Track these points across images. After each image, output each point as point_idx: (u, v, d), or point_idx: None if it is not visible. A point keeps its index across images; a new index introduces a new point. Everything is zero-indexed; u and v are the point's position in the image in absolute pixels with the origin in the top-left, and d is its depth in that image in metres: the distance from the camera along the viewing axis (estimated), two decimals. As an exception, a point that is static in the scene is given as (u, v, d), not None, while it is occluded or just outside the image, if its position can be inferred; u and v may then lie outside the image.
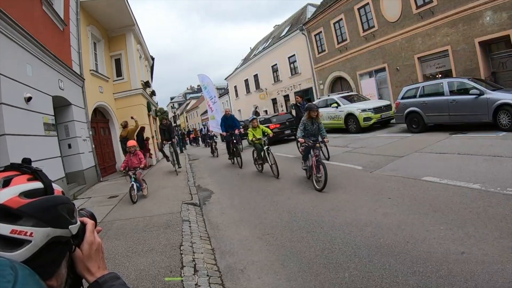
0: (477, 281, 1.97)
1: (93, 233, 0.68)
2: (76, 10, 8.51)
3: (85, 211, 0.74)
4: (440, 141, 6.73)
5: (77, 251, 0.64)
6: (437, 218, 3.00)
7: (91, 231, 0.68)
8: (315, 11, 20.32)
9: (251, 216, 4.12)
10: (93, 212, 0.75)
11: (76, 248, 0.64)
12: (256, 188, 5.55)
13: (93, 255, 0.66)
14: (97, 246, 0.67)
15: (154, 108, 16.98)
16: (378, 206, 3.58)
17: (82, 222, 0.67)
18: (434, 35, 12.46)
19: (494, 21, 10.37)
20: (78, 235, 0.63)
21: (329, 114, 12.46)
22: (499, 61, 10.95)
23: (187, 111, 61.61)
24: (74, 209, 0.62)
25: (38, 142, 5.51)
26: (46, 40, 6.11)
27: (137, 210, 4.86)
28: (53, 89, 6.57)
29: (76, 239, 0.63)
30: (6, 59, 4.79)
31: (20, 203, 0.52)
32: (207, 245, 3.36)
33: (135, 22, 12.10)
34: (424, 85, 8.81)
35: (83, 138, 8.08)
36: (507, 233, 2.48)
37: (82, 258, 0.64)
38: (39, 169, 0.58)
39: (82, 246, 0.65)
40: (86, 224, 0.68)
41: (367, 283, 2.18)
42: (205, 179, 7.60)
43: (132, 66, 12.06)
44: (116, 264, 2.90)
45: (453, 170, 4.41)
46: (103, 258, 0.69)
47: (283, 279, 2.44)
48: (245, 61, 31.22)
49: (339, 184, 4.83)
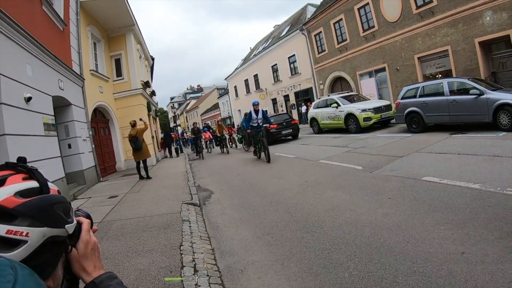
0: (477, 281, 1.96)
1: (88, 232, 0.67)
2: (76, 10, 8.51)
3: (81, 212, 0.73)
4: (440, 141, 6.73)
5: (73, 251, 0.63)
6: (437, 218, 3.00)
7: (86, 230, 0.67)
8: (315, 11, 20.33)
9: (251, 216, 4.12)
10: (89, 213, 0.74)
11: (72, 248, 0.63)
12: (256, 188, 5.55)
13: (89, 255, 0.65)
14: (92, 245, 0.67)
15: (154, 108, 16.98)
16: (378, 206, 3.58)
17: (78, 222, 0.66)
18: (434, 35, 12.46)
19: (494, 21, 10.37)
20: (74, 235, 0.63)
21: (329, 114, 12.47)
22: (499, 61, 10.96)
23: (187, 111, 61.63)
24: (70, 208, 0.61)
25: (38, 142, 5.51)
26: (46, 40, 6.11)
27: (137, 210, 4.86)
28: (53, 89, 6.57)
29: (72, 238, 0.62)
30: (6, 59, 4.78)
31: (15, 202, 0.51)
32: (207, 245, 3.36)
33: (135, 22, 12.10)
34: (424, 85, 8.81)
35: (83, 138, 8.08)
36: (507, 233, 2.48)
37: (78, 258, 0.64)
38: (35, 168, 0.58)
39: (78, 245, 0.64)
40: (82, 223, 0.67)
41: (367, 283, 2.18)
42: (205, 179, 7.61)
43: (132, 66, 12.06)
44: (116, 264, 2.90)
45: (453, 170, 4.41)
46: (99, 257, 0.69)
47: (283, 279, 2.44)
48: (245, 61, 31.24)
49: (339, 184, 4.83)
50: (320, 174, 5.76)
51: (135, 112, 11.45)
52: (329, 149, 8.39)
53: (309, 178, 5.54)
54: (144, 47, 15.29)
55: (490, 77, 10.66)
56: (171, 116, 58.15)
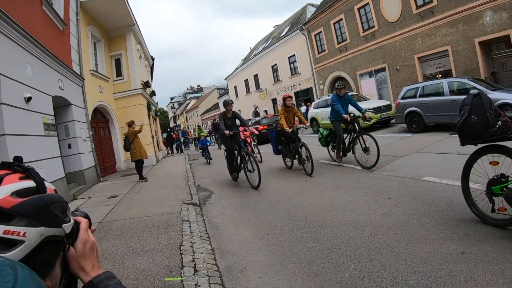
0: (477, 281, 1.96)
1: (87, 231, 0.67)
2: (76, 10, 8.51)
3: (80, 212, 0.73)
4: (440, 141, 6.73)
5: (71, 250, 0.63)
6: (437, 218, 3.00)
7: (85, 229, 0.67)
8: (315, 11, 20.33)
9: (251, 216, 4.12)
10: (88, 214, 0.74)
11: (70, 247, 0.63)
12: (256, 188, 5.55)
13: (87, 254, 0.65)
14: (91, 244, 0.67)
15: (154, 108, 16.98)
16: (378, 206, 3.58)
17: (76, 221, 0.66)
18: (434, 35, 12.46)
19: (494, 21, 10.37)
20: (72, 234, 0.63)
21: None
22: (499, 61, 10.96)
23: (187, 111, 61.63)
24: (67, 208, 0.61)
25: (38, 142, 5.51)
26: (46, 40, 6.11)
27: (137, 210, 4.86)
28: (53, 89, 6.57)
29: (70, 237, 0.62)
30: (6, 59, 4.78)
31: (12, 202, 0.51)
32: (207, 245, 3.36)
33: (135, 22, 12.11)
34: (424, 85, 8.81)
35: (83, 138, 8.08)
36: (507, 233, 2.48)
37: (76, 257, 0.63)
38: (31, 167, 0.57)
39: (76, 244, 0.64)
40: (80, 222, 0.67)
41: (367, 283, 2.18)
42: (205, 179, 7.61)
43: (132, 66, 12.07)
44: (116, 264, 2.90)
45: (453, 170, 4.40)
46: (97, 257, 0.69)
47: (283, 279, 2.44)
48: (245, 61, 31.24)
49: (339, 184, 4.83)
50: (320, 174, 5.76)
51: (135, 112, 11.46)
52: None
53: (309, 178, 5.54)
54: (144, 47, 15.30)
55: (490, 77, 10.67)
56: (171, 116, 58.14)
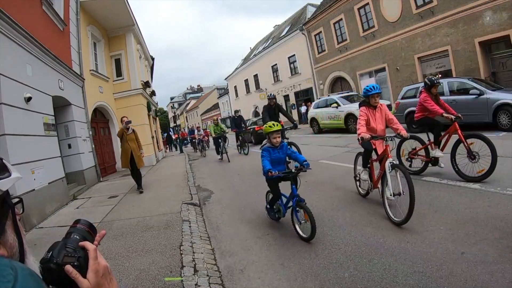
0: (477, 281, 1.97)
1: (96, 259, 0.64)
2: (76, 10, 8.51)
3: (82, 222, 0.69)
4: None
5: (85, 282, 0.60)
6: (437, 218, 3.00)
7: (94, 258, 0.63)
8: (315, 11, 20.34)
9: (251, 216, 4.12)
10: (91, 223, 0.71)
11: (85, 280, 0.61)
12: (256, 188, 5.54)
13: (101, 282, 0.62)
14: (103, 271, 0.64)
15: (154, 108, 16.98)
16: (378, 206, 3.58)
17: (84, 248, 0.63)
18: (434, 35, 12.46)
19: (494, 21, 10.37)
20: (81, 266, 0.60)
21: (329, 114, 12.48)
22: (499, 61, 10.96)
23: (187, 111, 61.63)
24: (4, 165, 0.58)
25: (38, 142, 5.51)
26: (46, 40, 6.11)
27: (137, 210, 4.86)
28: (53, 89, 6.57)
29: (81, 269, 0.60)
30: (6, 59, 4.78)
31: None
32: (207, 245, 3.36)
33: (135, 22, 12.11)
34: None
35: (83, 138, 8.08)
36: (507, 233, 2.48)
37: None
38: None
39: (88, 276, 0.61)
40: (88, 250, 0.64)
41: (367, 283, 2.18)
42: (205, 179, 7.60)
43: (132, 66, 12.06)
44: (116, 264, 2.90)
45: (453, 170, 4.41)
46: (112, 280, 0.66)
47: (283, 279, 2.44)
48: (245, 61, 31.25)
49: (339, 184, 4.83)
50: (320, 174, 5.76)
51: (135, 112, 11.45)
52: (329, 149, 8.39)
53: (309, 178, 5.53)
54: (144, 47, 15.29)
55: (490, 77, 10.67)
56: (171, 116, 58.09)
